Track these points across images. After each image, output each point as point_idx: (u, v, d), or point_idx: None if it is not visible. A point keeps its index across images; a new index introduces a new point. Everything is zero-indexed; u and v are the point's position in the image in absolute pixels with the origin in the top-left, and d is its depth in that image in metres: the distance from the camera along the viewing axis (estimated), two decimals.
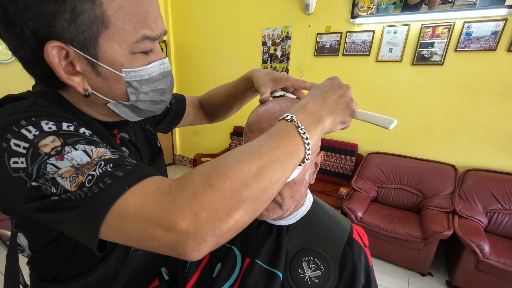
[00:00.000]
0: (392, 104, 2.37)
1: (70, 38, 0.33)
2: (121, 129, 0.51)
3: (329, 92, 0.41)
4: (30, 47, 0.34)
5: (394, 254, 1.98)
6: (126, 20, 0.35)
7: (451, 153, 2.20)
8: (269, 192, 0.32)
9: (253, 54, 3.02)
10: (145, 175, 0.32)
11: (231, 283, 0.53)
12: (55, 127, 0.33)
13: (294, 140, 0.35)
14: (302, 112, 0.38)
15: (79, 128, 0.36)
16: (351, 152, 2.50)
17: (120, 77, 0.38)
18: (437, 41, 2.11)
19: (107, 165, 0.31)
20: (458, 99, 2.10)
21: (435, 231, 1.74)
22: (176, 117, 0.72)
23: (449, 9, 1.96)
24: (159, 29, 0.39)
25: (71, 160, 0.31)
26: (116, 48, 0.36)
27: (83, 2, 0.32)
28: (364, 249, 0.55)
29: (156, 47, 0.42)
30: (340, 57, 2.52)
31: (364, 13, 2.30)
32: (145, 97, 0.42)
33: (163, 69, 0.43)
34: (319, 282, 0.50)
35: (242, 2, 2.95)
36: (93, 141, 0.35)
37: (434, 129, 2.23)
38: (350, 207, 2.02)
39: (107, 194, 0.29)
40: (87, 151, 0.33)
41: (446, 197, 2.03)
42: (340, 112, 0.41)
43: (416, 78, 2.23)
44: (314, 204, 0.60)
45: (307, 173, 0.50)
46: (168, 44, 3.64)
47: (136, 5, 0.35)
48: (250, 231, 0.58)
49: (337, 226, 0.57)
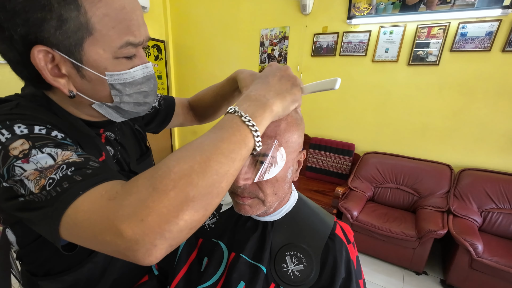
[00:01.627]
0: (389, 104, 2.39)
1: (56, 43, 0.36)
2: (107, 128, 0.53)
3: (270, 76, 0.42)
4: (18, 51, 0.36)
5: (390, 253, 2.00)
6: (110, 28, 0.37)
7: (447, 153, 2.21)
8: (219, 186, 0.31)
9: (251, 54, 3.04)
10: (101, 179, 0.32)
11: (218, 276, 0.55)
12: (26, 131, 0.35)
13: (239, 130, 0.34)
14: (245, 101, 0.38)
15: (51, 131, 0.37)
16: (348, 152, 2.51)
17: (104, 80, 0.41)
18: (432, 42, 2.12)
19: (68, 169, 0.32)
20: (454, 99, 2.11)
21: (430, 230, 1.75)
22: (165, 118, 0.74)
23: (447, 9, 1.96)
24: (142, 35, 0.41)
25: (36, 163, 0.33)
26: (100, 53, 0.38)
27: (69, 11, 0.34)
28: (347, 245, 0.56)
29: (139, 52, 0.44)
30: (337, 57, 2.54)
31: (360, 14, 2.32)
32: (128, 99, 0.45)
33: (146, 73, 0.45)
34: (301, 275, 0.51)
35: (240, 3, 2.97)
36: (61, 144, 0.36)
37: (430, 129, 2.25)
38: (346, 207, 2.03)
39: (63, 198, 0.30)
40: (52, 154, 0.34)
41: (442, 197, 2.04)
42: (287, 91, 0.41)
43: (412, 78, 2.25)
44: (299, 201, 0.62)
45: (289, 170, 0.51)
46: (167, 44, 3.66)
47: (120, 13, 0.38)
48: (237, 227, 0.59)
49: (321, 222, 0.58)
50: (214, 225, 0.62)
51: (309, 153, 2.71)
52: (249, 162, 0.47)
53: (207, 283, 0.54)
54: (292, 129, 0.48)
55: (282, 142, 0.47)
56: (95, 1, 0.36)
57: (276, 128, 0.46)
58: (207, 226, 0.62)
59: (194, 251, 0.61)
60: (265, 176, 0.46)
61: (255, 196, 0.49)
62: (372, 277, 1.92)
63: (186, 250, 0.61)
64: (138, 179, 0.31)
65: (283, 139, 0.47)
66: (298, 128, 0.50)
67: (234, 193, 0.51)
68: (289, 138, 0.48)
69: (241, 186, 0.47)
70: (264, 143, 0.45)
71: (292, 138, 0.48)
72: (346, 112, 2.62)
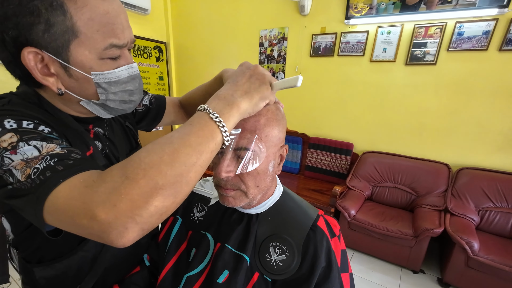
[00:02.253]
0: (386, 104, 2.40)
1: (44, 44, 0.39)
2: (96, 124, 0.56)
3: (240, 76, 0.44)
4: (10, 51, 0.39)
5: (387, 252, 2.01)
6: (94, 31, 0.40)
7: (445, 152, 2.22)
8: (187, 176, 0.34)
9: (250, 55, 3.07)
10: (81, 169, 0.35)
11: (204, 265, 0.57)
12: (15, 125, 0.38)
13: (207, 125, 0.37)
14: (214, 100, 0.41)
15: (38, 126, 0.40)
16: (347, 151, 2.53)
17: (89, 79, 0.44)
18: (429, 41, 2.13)
19: (51, 160, 0.35)
20: (451, 98, 2.12)
21: (426, 229, 1.76)
22: (157, 116, 0.77)
23: (449, 8, 1.97)
24: (126, 38, 0.44)
25: (22, 154, 0.36)
26: (86, 54, 0.41)
27: (56, 16, 0.37)
28: (331, 238, 0.58)
29: (124, 54, 0.47)
30: (335, 57, 2.56)
31: (358, 14, 2.34)
32: (114, 97, 0.48)
33: (131, 73, 0.48)
34: (283, 265, 0.54)
35: (240, 4, 3.00)
36: (47, 137, 0.39)
37: (427, 128, 2.25)
38: (344, 205, 2.05)
39: (46, 185, 0.33)
40: (37, 147, 0.37)
41: (439, 196, 2.04)
42: (255, 90, 0.43)
43: (410, 77, 2.26)
44: (284, 195, 0.65)
45: (271, 164, 0.53)
46: (168, 45, 3.71)
47: (104, 17, 0.41)
48: (223, 219, 0.62)
49: (304, 214, 0.61)
50: (203, 218, 0.64)
51: (308, 152, 2.73)
52: (231, 156, 0.49)
53: (193, 271, 0.57)
54: (272, 124, 0.51)
55: (262, 136, 0.49)
56: (80, 6, 0.39)
57: (256, 123, 0.49)
58: (196, 219, 0.65)
59: (184, 243, 0.63)
60: (246, 169, 0.48)
61: (237, 188, 0.52)
62: (369, 275, 1.94)
63: (175, 242, 0.63)
64: (112, 169, 0.33)
65: (263, 133, 0.49)
66: (279, 124, 0.53)
67: (218, 185, 0.53)
68: (269, 132, 0.50)
69: (223, 178, 0.50)
70: (244, 137, 0.48)
71: (272, 132, 0.51)
72: (344, 111, 2.63)
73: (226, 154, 0.48)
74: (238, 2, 3.01)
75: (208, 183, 0.71)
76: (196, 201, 0.68)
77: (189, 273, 0.56)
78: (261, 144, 0.49)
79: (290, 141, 2.84)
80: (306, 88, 2.81)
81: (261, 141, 0.49)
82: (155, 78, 3.67)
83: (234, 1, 3.04)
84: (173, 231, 0.65)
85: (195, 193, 0.69)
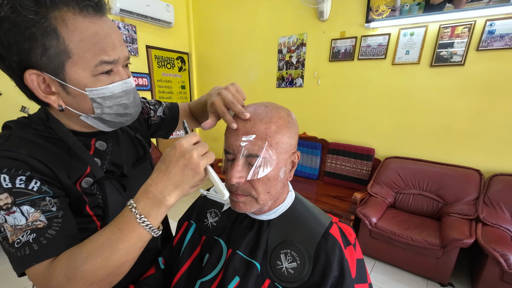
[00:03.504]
0: (409, 107, 2.31)
1: (43, 66, 0.44)
2: (99, 138, 0.59)
3: (171, 165, 0.43)
4: (17, 74, 0.45)
5: (411, 262, 1.91)
6: (85, 51, 0.45)
7: (475, 157, 2.08)
8: (119, 271, 0.43)
9: (269, 62, 3.11)
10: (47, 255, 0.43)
11: (217, 271, 0.59)
12: (10, 184, 0.43)
13: (135, 231, 0.42)
14: (144, 198, 0.44)
15: (29, 182, 0.44)
16: (368, 156, 2.46)
17: (85, 95, 0.48)
18: (457, 41, 2.04)
19: (30, 235, 0.43)
20: (480, 100, 2.00)
21: (455, 239, 1.66)
22: (171, 125, 0.82)
23: (482, 6, 1.87)
24: (117, 54, 0.48)
25: (14, 219, 0.43)
26: (79, 72, 0.46)
27: (50, 40, 0.42)
28: (346, 246, 0.57)
29: (119, 70, 0.51)
30: (355, 61, 2.52)
31: (379, 17, 2.29)
32: (109, 110, 0.52)
33: (126, 88, 0.52)
34: (294, 272, 0.53)
35: (259, 13, 3.07)
36: (35, 200, 0.44)
37: (454, 132, 2.14)
38: (364, 213, 1.99)
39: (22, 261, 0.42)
40: (25, 215, 0.43)
41: (469, 203, 1.92)
42: (187, 182, 0.44)
43: (435, 79, 2.17)
44: (296, 201, 0.64)
45: (282, 170, 0.54)
46: (190, 56, 3.87)
47: (94, 38, 0.45)
48: (235, 225, 0.63)
49: (315, 221, 0.59)
50: (216, 223, 0.66)
51: (327, 158, 2.69)
52: (243, 162, 0.51)
53: (206, 277, 0.58)
54: (282, 131, 0.51)
55: (272, 143, 0.50)
56: (72, 30, 0.43)
57: (267, 130, 0.50)
58: (210, 224, 0.67)
59: (198, 247, 0.65)
60: (257, 175, 0.50)
61: (248, 194, 0.53)
62: (392, 286, 1.86)
63: (189, 247, 0.65)
64: (56, 269, 0.42)
65: (273, 140, 0.50)
66: (290, 131, 0.53)
67: (229, 190, 0.54)
68: (279, 139, 0.51)
69: (234, 184, 0.51)
70: (255, 144, 0.49)
71: (282, 139, 0.51)
72: (365, 116, 2.57)
73: (237, 160, 0.50)
74: (257, 11, 3.07)
75: None
76: (210, 207, 0.69)
77: (202, 279, 0.58)
78: (271, 150, 0.50)
79: (308, 147, 2.82)
80: (325, 93, 2.79)
81: (271, 148, 0.50)
82: (178, 87, 3.83)
83: (253, 11, 3.11)
84: (187, 236, 0.67)
85: (209, 199, 0.71)
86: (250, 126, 0.51)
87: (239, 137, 0.51)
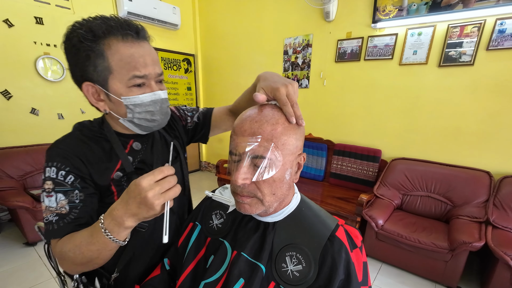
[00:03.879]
0: (417, 108, 2.28)
1: (95, 79, 0.58)
2: (136, 139, 0.71)
3: (130, 200, 0.49)
4: (80, 86, 0.60)
5: (419, 265, 1.88)
6: (122, 67, 0.57)
7: (485, 159, 2.04)
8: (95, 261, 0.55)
9: (275, 63, 3.11)
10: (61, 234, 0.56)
11: (221, 273, 0.59)
12: (54, 175, 0.58)
13: (102, 239, 0.51)
14: (108, 218, 0.52)
15: (67, 176, 0.58)
16: (374, 158, 2.44)
17: (121, 102, 0.60)
18: (466, 41, 2.01)
19: (55, 217, 0.57)
20: (491, 100, 1.96)
21: (464, 242, 1.63)
22: (204, 130, 0.89)
23: (491, 4, 1.84)
24: (147, 71, 0.59)
25: (49, 201, 0.57)
26: (117, 84, 0.59)
27: (98, 59, 0.56)
28: (352, 249, 0.56)
29: (151, 84, 0.62)
30: (362, 62, 2.50)
31: (386, 17, 2.27)
32: (139, 116, 0.63)
33: (154, 98, 0.63)
34: (300, 275, 0.53)
35: (264, 15, 3.08)
36: (68, 191, 0.58)
37: (463, 133, 2.10)
38: (371, 214, 1.97)
39: (47, 234, 0.57)
40: (56, 201, 0.57)
41: (479, 206, 1.88)
42: (142, 214, 0.50)
43: (444, 80, 2.13)
44: (301, 203, 0.63)
45: (287, 172, 0.53)
46: (196, 57, 3.90)
47: (129, 58, 0.57)
48: (240, 227, 0.63)
49: (321, 224, 0.59)
50: (221, 225, 0.66)
51: (333, 159, 2.68)
52: (248, 163, 0.50)
53: (210, 278, 0.58)
54: (289, 132, 0.51)
55: (278, 144, 0.50)
56: (114, 52, 0.56)
57: (273, 132, 0.50)
58: (215, 226, 0.67)
59: (202, 249, 0.65)
60: (262, 177, 0.50)
61: (253, 195, 0.53)
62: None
63: (194, 248, 0.66)
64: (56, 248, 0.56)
65: (279, 142, 0.50)
66: (296, 132, 0.53)
67: (235, 192, 0.54)
68: (285, 141, 0.50)
69: (240, 185, 0.51)
70: (261, 145, 0.49)
71: (289, 141, 0.51)
72: (372, 117, 2.55)
73: (243, 162, 0.50)
74: (263, 13, 3.08)
75: (227, 190, 0.73)
76: (215, 208, 0.70)
77: (206, 280, 0.58)
78: (277, 152, 0.50)
79: (314, 148, 2.81)
80: (331, 94, 2.77)
81: (277, 149, 0.49)
82: (184, 88, 3.87)
83: (258, 12, 3.12)
84: (192, 237, 0.68)
85: (214, 200, 0.71)
86: (257, 127, 0.50)
87: (245, 138, 0.51)
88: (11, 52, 2.40)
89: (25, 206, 2.06)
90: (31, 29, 2.46)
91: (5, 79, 2.41)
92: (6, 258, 2.08)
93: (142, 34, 0.60)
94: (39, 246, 2.24)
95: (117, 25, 0.57)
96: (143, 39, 0.61)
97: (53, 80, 2.66)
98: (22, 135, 2.57)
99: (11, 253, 2.15)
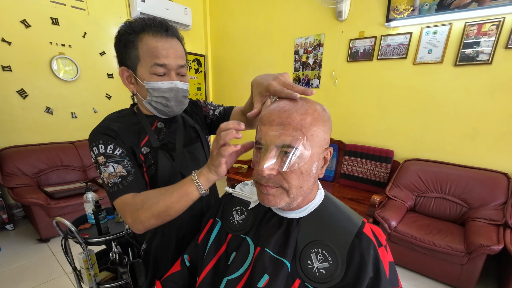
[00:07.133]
0: (432, 108, 2.24)
1: (129, 65, 0.70)
2: (160, 120, 0.81)
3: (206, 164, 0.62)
4: None
5: (433, 269, 1.84)
6: (147, 56, 0.68)
7: (503, 160, 1.99)
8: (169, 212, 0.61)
9: (286, 63, 3.10)
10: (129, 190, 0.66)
11: (244, 270, 0.58)
12: (103, 150, 0.67)
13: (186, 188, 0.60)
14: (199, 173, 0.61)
15: (116, 149, 0.68)
16: (386, 158, 2.40)
17: (144, 86, 0.71)
18: (483, 39, 1.96)
19: (118, 179, 0.66)
20: (510, 100, 1.91)
21: (481, 245, 1.58)
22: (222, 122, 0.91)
23: (506, 3, 1.80)
24: (168, 61, 0.69)
25: (108, 170, 0.67)
26: (142, 70, 0.69)
27: (132, 49, 0.68)
28: (375, 244, 0.54)
29: (171, 74, 0.71)
30: (374, 61, 2.47)
31: (400, 16, 2.24)
32: (156, 99, 0.73)
33: (171, 86, 0.72)
34: (326, 273, 0.51)
35: (275, 15, 3.07)
36: (119, 161, 0.68)
37: (481, 133, 2.05)
38: (383, 216, 1.94)
39: (113, 194, 0.66)
40: (114, 168, 0.67)
41: (497, 208, 1.83)
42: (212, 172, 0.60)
43: (460, 79, 2.09)
44: (325, 200, 0.62)
45: (314, 165, 0.52)
46: (206, 58, 3.92)
47: (154, 49, 0.67)
48: (262, 223, 0.62)
49: (347, 220, 0.57)
50: (242, 221, 0.65)
51: (343, 160, 2.65)
52: (275, 153, 0.49)
53: (233, 275, 0.57)
54: (318, 124, 0.50)
55: (307, 135, 0.48)
56: (143, 44, 0.67)
57: (302, 121, 0.48)
58: (236, 222, 0.66)
59: (223, 245, 0.65)
60: (291, 167, 0.48)
61: (279, 185, 0.51)
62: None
63: (215, 245, 0.65)
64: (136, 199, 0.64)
65: (308, 132, 0.48)
66: (324, 124, 0.51)
67: (259, 182, 0.53)
68: (314, 132, 0.49)
69: (265, 176, 0.50)
70: (289, 135, 0.48)
71: (317, 132, 0.49)
72: (384, 117, 2.51)
73: (270, 152, 0.49)
74: (274, 13, 3.08)
75: (248, 187, 0.72)
76: (236, 205, 0.69)
77: (229, 277, 0.57)
78: (306, 142, 0.48)
79: None
80: (342, 94, 2.75)
81: (306, 140, 0.48)
82: (194, 88, 3.89)
83: (270, 12, 3.12)
84: (213, 233, 0.67)
85: (235, 197, 0.71)
86: (286, 116, 0.49)
87: (273, 128, 0.49)
88: (28, 52, 2.45)
89: (39, 203, 2.10)
90: (47, 29, 2.51)
91: (21, 79, 2.46)
92: (20, 254, 2.12)
93: (171, 32, 0.70)
94: (52, 242, 2.28)
95: (151, 23, 0.68)
96: (172, 36, 0.70)
97: (67, 79, 2.71)
98: (37, 134, 2.63)
99: (25, 249, 2.20)
